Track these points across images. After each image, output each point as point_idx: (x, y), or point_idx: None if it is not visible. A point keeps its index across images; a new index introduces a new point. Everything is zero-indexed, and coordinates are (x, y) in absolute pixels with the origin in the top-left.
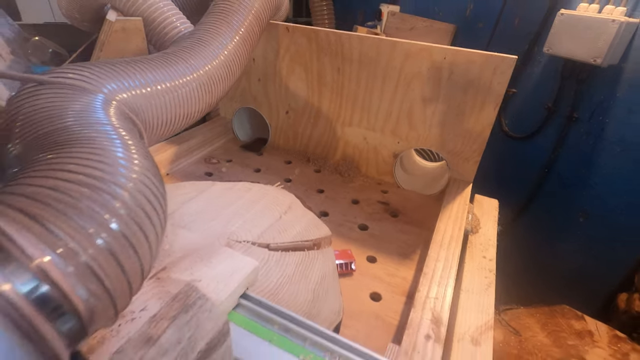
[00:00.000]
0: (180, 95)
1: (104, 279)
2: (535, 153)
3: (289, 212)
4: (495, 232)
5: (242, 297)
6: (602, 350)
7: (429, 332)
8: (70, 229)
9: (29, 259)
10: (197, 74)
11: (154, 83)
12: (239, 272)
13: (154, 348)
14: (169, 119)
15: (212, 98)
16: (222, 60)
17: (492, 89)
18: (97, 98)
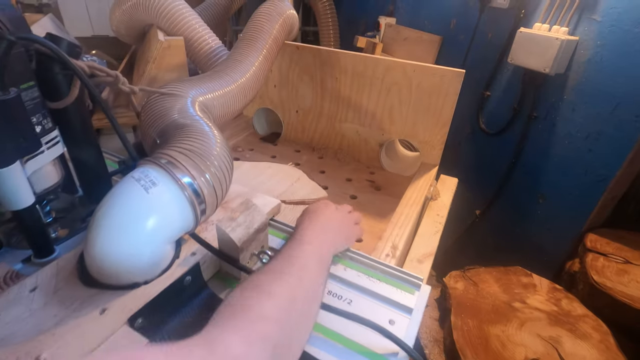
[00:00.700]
0: (229, 98)
1: (215, 187)
2: (505, 146)
3: (297, 182)
4: (450, 200)
5: (271, 220)
6: (541, 296)
7: (389, 252)
8: (201, 164)
9: (189, 172)
10: (237, 84)
11: (215, 90)
12: (268, 205)
13: (234, 222)
14: (223, 114)
15: (246, 100)
16: (252, 74)
17: (449, 93)
18: (188, 100)
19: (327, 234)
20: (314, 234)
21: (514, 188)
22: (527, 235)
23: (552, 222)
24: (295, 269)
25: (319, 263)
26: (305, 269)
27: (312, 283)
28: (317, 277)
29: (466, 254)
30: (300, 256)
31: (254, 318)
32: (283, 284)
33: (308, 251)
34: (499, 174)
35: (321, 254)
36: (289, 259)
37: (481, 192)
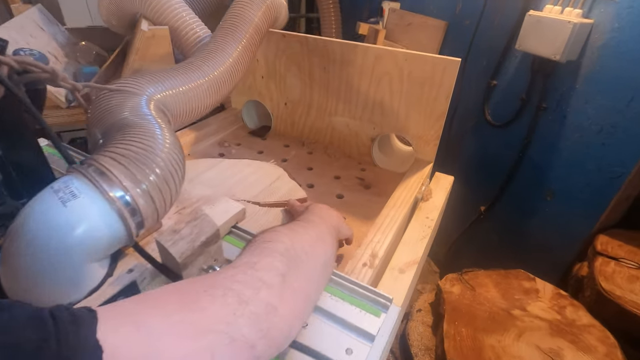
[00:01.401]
0: (195, 94)
1: (154, 196)
2: (512, 139)
3: (277, 181)
4: (444, 200)
5: (234, 228)
6: (543, 303)
7: (366, 261)
8: (138, 172)
9: (121, 183)
10: (208, 78)
11: (178, 86)
12: (230, 211)
13: (178, 235)
14: (188, 111)
15: (219, 95)
16: (228, 67)
17: (443, 84)
18: (143, 99)
19: (332, 211)
20: (320, 211)
21: (521, 184)
22: (533, 234)
23: (560, 221)
24: (302, 220)
25: (320, 225)
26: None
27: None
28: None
29: (470, 250)
30: (306, 219)
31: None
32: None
33: (315, 214)
34: (504, 168)
35: (328, 219)
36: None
37: (486, 188)
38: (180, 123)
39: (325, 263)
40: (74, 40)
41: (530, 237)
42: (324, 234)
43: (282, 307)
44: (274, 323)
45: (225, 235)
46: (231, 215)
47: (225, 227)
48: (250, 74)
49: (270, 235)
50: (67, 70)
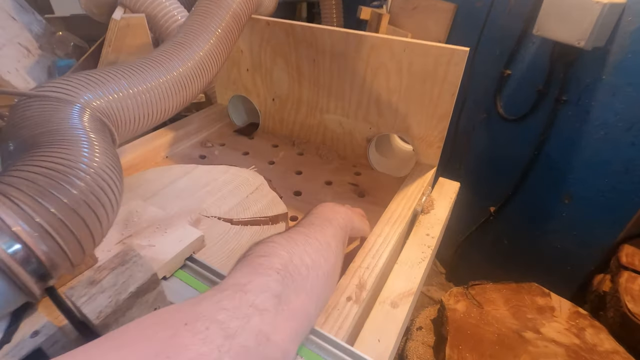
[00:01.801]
0: (153, 95)
1: (59, 240)
2: (526, 135)
3: (255, 192)
4: (447, 212)
5: (188, 260)
6: (559, 324)
7: (352, 294)
8: (36, 206)
9: (7, 227)
10: (170, 76)
11: (127, 88)
12: (186, 240)
13: (96, 287)
14: (143, 116)
15: (187, 95)
16: (197, 61)
17: (447, 79)
18: (75, 107)
19: (340, 208)
20: (322, 209)
21: (535, 184)
22: (547, 240)
23: (579, 228)
24: (303, 226)
25: (328, 225)
26: (315, 227)
27: (319, 235)
28: (324, 233)
29: (478, 252)
30: (310, 221)
31: (257, 256)
32: (284, 235)
33: (319, 217)
34: (517, 167)
35: (332, 219)
36: (296, 225)
37: (496, 187)
38: (133, 131)
39: (328, 273)
40: (53, 30)
41: (544, 243)
42: (329, 239)
43: (276, 334)
44: (266, 354)
45: (176, 270)
46: (186, 245)
47: (177, 260)
48: (235, 66)
49: (265, 249)
50: (41, 63)
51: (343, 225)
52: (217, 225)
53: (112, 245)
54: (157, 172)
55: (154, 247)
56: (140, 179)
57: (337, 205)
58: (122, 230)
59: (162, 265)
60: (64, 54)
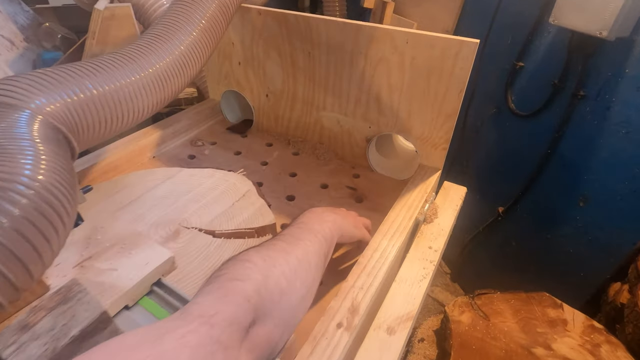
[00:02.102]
0: (123, 96)
1: None
2: (539, 132)
3: (241, 200)
4: (452, 222)
5: (156, 285)
6: (572, 339)
7: (342, 320)
8: None
9: None
10: (145, 72)
11: (91, 89)
12: (153, 262)
13: (28, 333)
14: (112, 119)
15: (165, 94)
16: (177, 56)
17: (455, 74)
18: (23, 114)
19: (329, 215)
20: (312, 216)
21: (548, 185)
22: (559, 244)
23: (595, 233)
24: (284, 241)
25: (313, 237)
26: (297, 242)
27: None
28: (306, 249)
29: (485, 254)
30: (292, 233)
31: (229, 279)
32: (261, 252)
33: (303, 228)
34: (529, 166)
35: (319, 229)
36: (278, 237)
37: (505, 187)
38: (101, 136)
39: (303, 296)
40: (40, 21)
41: (556, 247)
42: (310, 256)
43: None
44: None
45: (141, 297)
46: (152, 268)
47: (142, 286)
48: (226, 59)
49: (239, 270)
50: (25, 56)
51: (329, 237)
52: (198, 238)
53: (69, 269)
54: (138, 176)
55: (115, 272)
56: (119, 184)
57: (326, 212)
58: (82, 251)
59: (123, 293)
60: (51, 46)
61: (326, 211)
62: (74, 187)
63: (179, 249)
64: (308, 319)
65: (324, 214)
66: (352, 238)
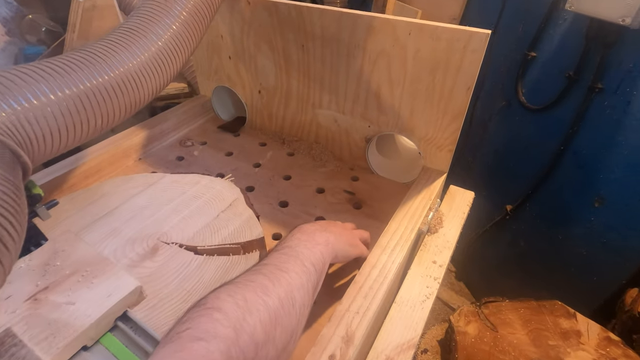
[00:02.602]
0: (87, 100)
1: None
2: (552, 127)
3: (228, 210)
4: (458, 232)
5: (121, 319)
6: (587, 353)
7: (336, 351)
8: None
9: None
10: (115, 73)
11: (48, 93)
12: (116, 294)
13: None
14: (74, 127)
15: (140, 95)
16: (154, 53)
17: (463, 69)
18: None
19: (321, 235)
20: (303, 236)
21: (560, 184)
22: (570, 246)
23: (611, 235)
24: (265, 275)
25: (300, 266)
26: (280, 275)
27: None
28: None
29: (492, 253)
30: (277, 263)
31: (192, 338)
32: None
33: (289, 255)
34: (540, 163)
35: (308, 255)
36: (259, 269)
37: (514, 184)
38: (60, 148)
39: (283, 346)
40: (26, 13)
41: (567, 249)
42: (295, 292)
43: None
44: None
45: (104, 334)
46: (115, 302)
47: (103, 323)
48: (215, 53)
49: (203, 325)
50: (7, 50)
51: (320, 263)
52: (178, 255)
53: (21, 302)
54: (116, 183)
55: (72, 306)
56: (95, 193)
57: (318, 232)
58: (37, 280)
59: (79, 334)
60: (36, 39)
61: (317, 230)
62: (20, 205)
63: (156, 268)
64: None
65: (315, 235)
66: (348, 258)
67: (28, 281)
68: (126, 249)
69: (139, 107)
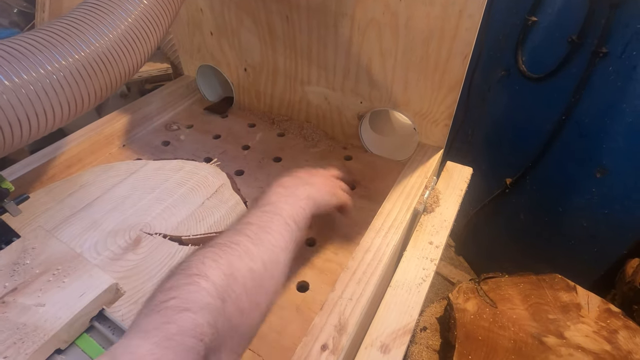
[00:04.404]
0: (47, 86)
1: None
2: (554, 96)
3: (213, 197)
4: (456, 210)
5: (97, 319)
6: (587, 326)
7: (328, 341)
8: None
9: None
10: (79, 55)
11: (3, 79)
12: (89, 293)
13: None
14: (35, 116)
15: (109, 78)
16: (123, 31)
17: (459, 37)
18: None
19: (303, 190)
20: (284, 190)
21: (561, 155)
22: (571, 218)
23: (613, 206)
24: (248, 236)
25: (283, 225)
26: (264, 236)
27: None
28: (275, 247)
29: (491, 227)
30: (259, 222)
31: (177, 309)
32: (220, 261)
33: (271, 213)
34: (541, 134)
35: (290, 212)
36: (242, 229)
37: (514, 156)
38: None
39: (267, 309)
40: None
41: (567, 220)
42: (278, 252)
43: None
44: None
45: (79, 335)
46: (88, 301)
47: (76, 324)
48: (197, 29)
49: (189, 294)
50: None
51: (302, 219)
52: (161, 247)
53: None
54: (96, 173)
55: (42, 308)
56: (75, 183)
57: (299, 185)
58: (5, 281)
59: (49, 338)
60: (8, 22)
61: (299, 185)
62: None
63: (139, 261)
64: (289, 338)
65: (296, 190)
66: (330, 207)
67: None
68: (107, 242)
69: (111, 91)
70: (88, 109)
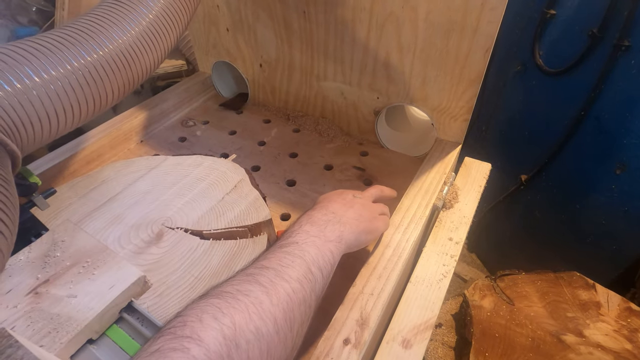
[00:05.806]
0: (76, 81)
1: None
2: (572, 91)
3: (233, 192)
4: (475, 206)
5: (126, 310)
6: (607, 324)
7: (350, 335)
8: None
9: None
10: (104, 51)
11: (31, 75)
12: (119, 285)
13: None
14: (65, 111)
15: (131, 74)
16: (145, 27)
17: (480, 30)
18: None
19: (333, 230)
20: (313, 228)
21: (579, 151)
22: (589, 216)
23: (633, 203)
24: (263, 284)
25: (304, 272)
26: (281, 283)
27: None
28: (292, 301)
29: (505, 225)
30: (276, 266)
31: None
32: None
33: (294, 256)
34: (558, 130)
35: (315, 257)
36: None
37: (530, 152)
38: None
39: (294, 346)
40: None
41: (585, 218)
42: (295, 308)
43: None
44: None
45: (109, 326)
46: (117, 293)
47: (107, 316)
48: (213, 25)
49: (173, 352)
50: None
51: (329, 264)
52: (183, 241)
53: (22, 297)
54: (116, 168)
55: (74, 299)
56: (96, 179)
57: (330, 225)
58: (38, 273)
59: (82, 328)
60: (27, 20)
61: (330, 222)
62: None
63: (162, 254)
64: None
65: (326, 229)
66: (364, 246)
67: (29, 274)
68: (130, 236)
69: (132, 87)
70: (111, 105)
